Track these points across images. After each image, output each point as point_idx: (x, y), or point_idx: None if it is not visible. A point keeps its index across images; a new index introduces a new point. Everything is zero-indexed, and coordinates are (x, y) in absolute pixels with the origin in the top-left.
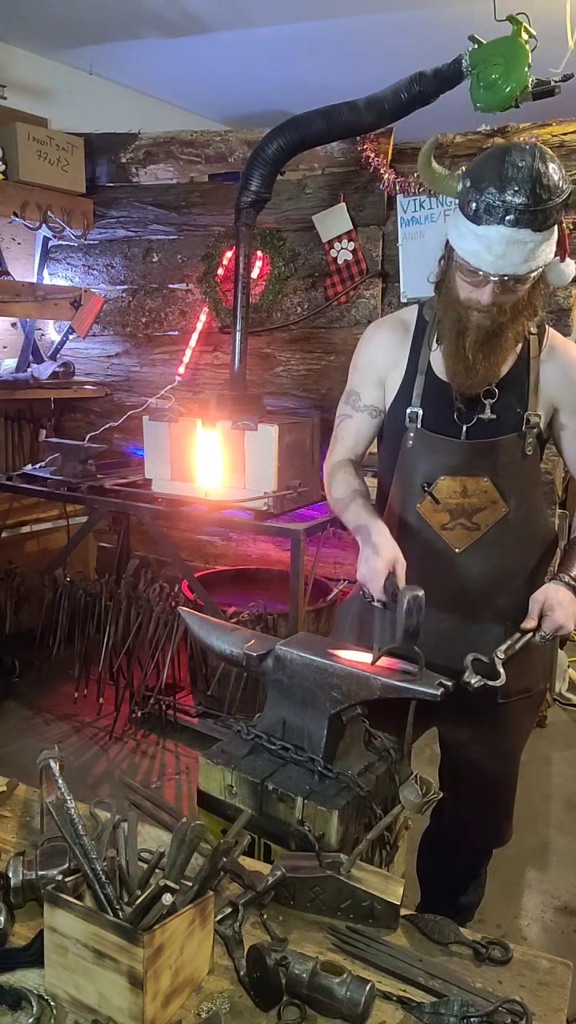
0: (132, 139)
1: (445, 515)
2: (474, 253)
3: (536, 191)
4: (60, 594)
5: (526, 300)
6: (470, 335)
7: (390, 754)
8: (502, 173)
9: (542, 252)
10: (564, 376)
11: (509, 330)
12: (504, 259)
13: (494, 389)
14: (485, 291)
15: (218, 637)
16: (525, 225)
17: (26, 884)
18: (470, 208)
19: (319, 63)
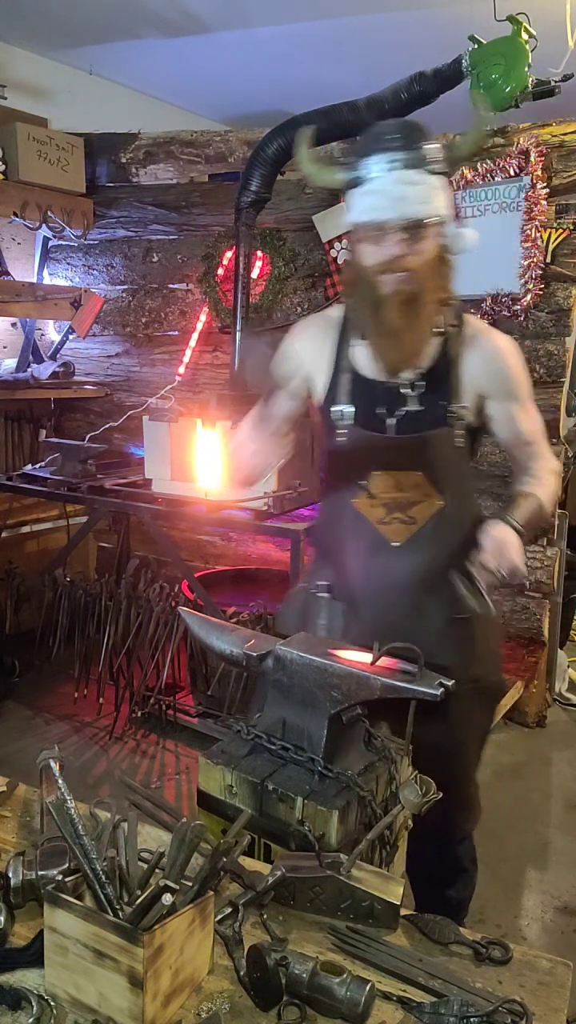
0: (132, 139)
1: (381, 510)
2: (372, 207)
3: (410, 135)
4: (60, 594)
5: (436, 271)
6: (389, 302)
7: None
8: (377, 133)
9: (437, 198)
10: (488, 364)
11: (426, 296)
12: (403, 200)
13: (419, 379)
14: (392, 244)
15: (218, 637)
16: (413, 165)
17: (26, 884)
18: (360, 175)
19: (319, 63)
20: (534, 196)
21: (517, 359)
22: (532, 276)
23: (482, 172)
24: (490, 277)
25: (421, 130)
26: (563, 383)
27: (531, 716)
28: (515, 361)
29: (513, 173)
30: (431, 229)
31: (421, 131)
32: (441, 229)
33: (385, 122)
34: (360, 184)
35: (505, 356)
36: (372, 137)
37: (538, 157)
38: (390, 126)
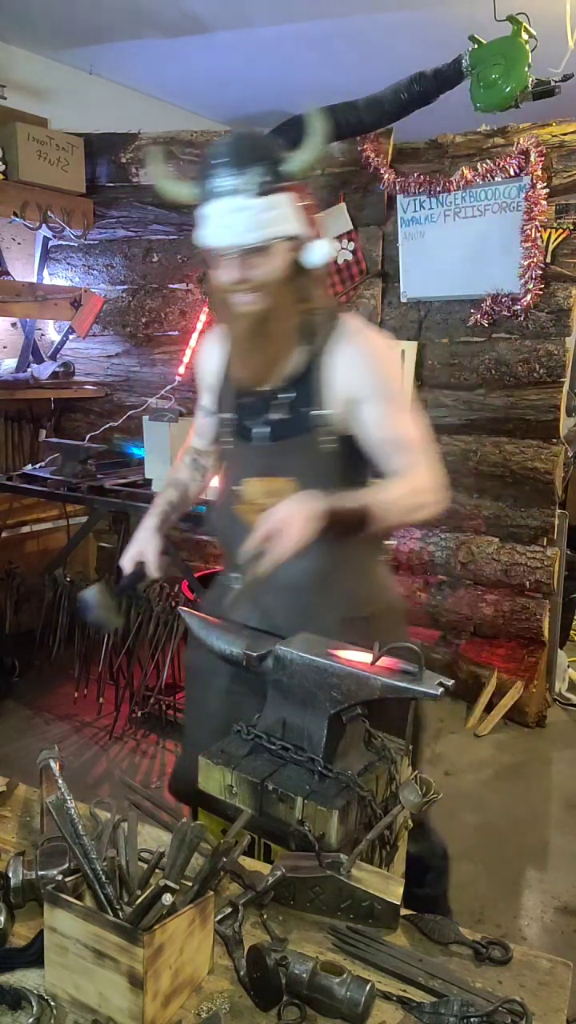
0: (132, 139)
1: (256, 516)
2: (208, 233)
3: (238, 158)
4: (60, 594)
5: (289, 285)
6: (239, 323)
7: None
8: (211, 155)
9: (271, 220)
10: (355, 367)
11: (277, 316)
12: (231, 229)
13: (285, 387)
14: (230, 268)
15: (218, 637)
16: (239, 192)
17: (26, 884)
18: (200, 199)
19: (319, 63)
20: (534, 196)
21: (388, 361)
22: (532, 276)
23: (482, 172)
24: (490, 277)
25: (255, 148)
26: (563, 383)
27: (531, 716)
28: (385, 363)
29: (513, 173)
30: (274, 247)
31: (254, 149)
32: (289, 244)
33: (221, 141)
34: (200, 206)
35: (373, 358)
36: (208, 157)
37: (538, 157)
38: (222, 148)
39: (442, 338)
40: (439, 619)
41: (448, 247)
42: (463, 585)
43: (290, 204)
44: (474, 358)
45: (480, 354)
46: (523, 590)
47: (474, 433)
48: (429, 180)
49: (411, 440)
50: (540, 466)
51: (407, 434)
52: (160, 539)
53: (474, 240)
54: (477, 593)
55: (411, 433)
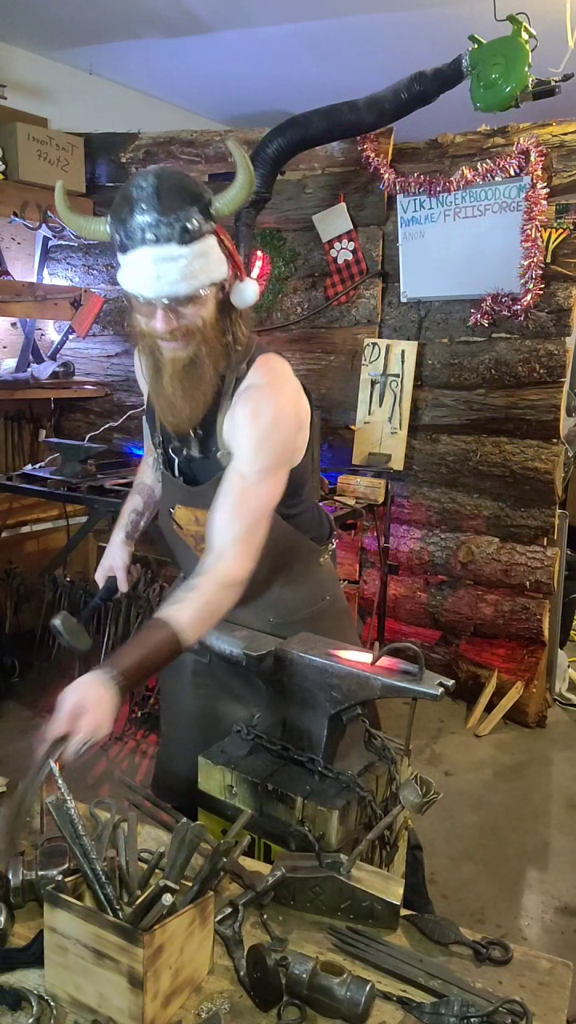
0: (132, 139)
1: (191, 539)
2: (132, 280)
3: (164, 205)
4: (60, 594)
5: (218, 326)
6: (166, 371)
7: (390, 754)
8: (129, 196)
9: (201, 268)
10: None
11: (206, 359)
12: (160, 280)
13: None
14: (157, 318)
15: (218, 637)
16: (166, 240)
17: (26, 884)
18: (117, 241)
19: (319, 63)
20: (534, 196)
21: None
22: (532, 276)
23: (482, 172)
24: (490, 277)
25: (178, 190)
26: (563, 383)
27: (531, 716)
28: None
29: (513, 173)
30: (203, 294)
31: (177, 192)
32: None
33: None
34: (120, 249)
35: (252, 421)
36: (126, 199)
37: (538, 157)
38: (143, 190)
39: (442, 338)
40: (439, 619)
41: (448, 247)
42: (463, 585)
43: (216, 247)
44: (474, 358)
45: (480, 354)
46: (523, 590)
47: (474, 433)
48: (429, 180)
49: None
50: (540, 466)
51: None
52: (128, 551)
53: (474, 240)
54: (477, 593)
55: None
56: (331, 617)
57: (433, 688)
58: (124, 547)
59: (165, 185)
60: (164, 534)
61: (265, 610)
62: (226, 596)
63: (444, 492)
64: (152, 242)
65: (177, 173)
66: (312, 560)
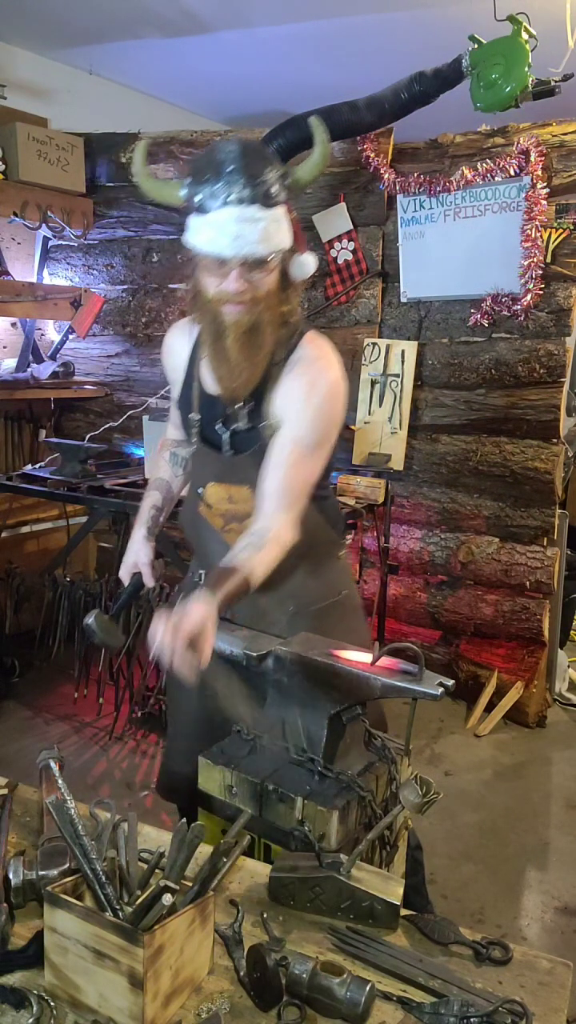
0: (132, 139)
1: (220, 519)
2: (211, 240)
3: (249, 167)
4: (60, 594)
5: (278, 296)
6: (229, 334)
7: (390, 754)
8: (215, 160)
9: (276, 233)
10: (293, 395)
11: (267, 326)
12: (240, 239)
13: (249, 398)
14: (231, 279)
15: (218, 637)
16: (250, 201)
17: (26, 884)
18: (197, 201)
19: (319, 63)
20: (534, 196)
21: (322, 401)
22: (532, 276)
23: (482, 172)
24: (490, 277)
25: (262, 157)
26: (563, 383)
27: (531, 716)
28: (319, 402)
29: (513, 173)
30: (273, 260)
31: (261, 159)
32: (282, 257)
33: (225, 146)
34: (199, 211)
35: (310, 394)
36: (211, 163)
37: (538, 157)
38: (230, 153)
39: (442, 338)
40: (439, 619)
41: (448, 247)
42: (463, 585)
43: (287, 217)
44: (474, 358)
45: (480, 354)
46: (523, 590)
47: (474, 433)
48: (429, 180)
49: (292, 487)
50: (540, 466)
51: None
52: (151, 547)
53: (474, 240)
54: (477, 593)
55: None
56: (347, 612)
57: (433, 688)
58: (147, 543)
59: (250, 150)
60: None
61: (286, 599)
62: (276, 555)
63: (444, 492)
64: (236, 203)
65: (259, 142)
66: (333, 552)
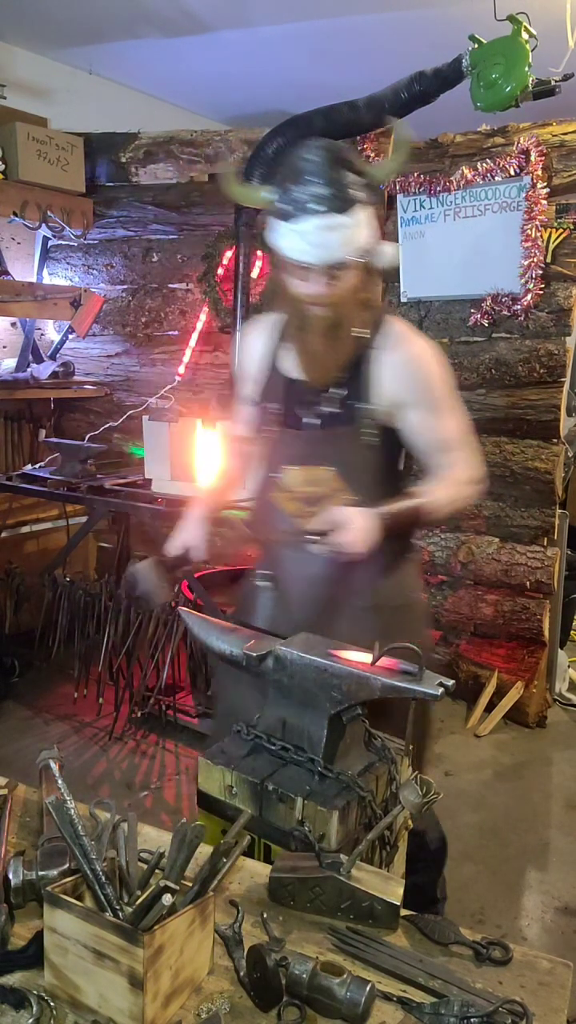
0: (132, 139)
1: (295, 504)
2: (295, 247)
3: (332, 175)
4: (60, 594)
5: (360, 287)
6: (312, 328)
7: (390, 754)
8: (299, 168)
9: (357, 235)
10: (402, 373)
11: (348, 319)
12: (322, 247)
13: (339, 384)
14: (314, 282)
15: (218, 637)
16: (333, 211)
17: (26, 884)
18: (282, 209)
19: (319, 63)
20: (534, 196)
21: (434, 366)
22: (532, 276)
23: (482, 172)
24: (490, 277)
25: (344, 163)
26: (563, 383)
27: (531, 716)
28: (430, 369)
29: (513, 173)
30: (355, 260)
31: (344, 164)
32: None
33: (308, 153)
34: (282, 217)
35: (420, 364)
36: (295, 171)
37: (538, 157)
38: (313, 163)
39: (442, 338)
40: (439, 619)
41: (448, 247)
42: (463, 585)
43: (370, 217)
44: (474, 358)
45: (480, 354)
46: (523, 590)
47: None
48: (429, 180)
49: (452, 439)
50: (540, 466)
51: (448, 434)
52: (206, 526)
53: (474, 240)
54: (477, 593)
55: (452, 432)
56: (415, 617)
57: (433, 688)
58: (202, 522)
59: (332, 158)
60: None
61: (360, 592)
62: (466, 491)
63: None
64: (318, 212)
65: (342, 146)
66: (406, 552)
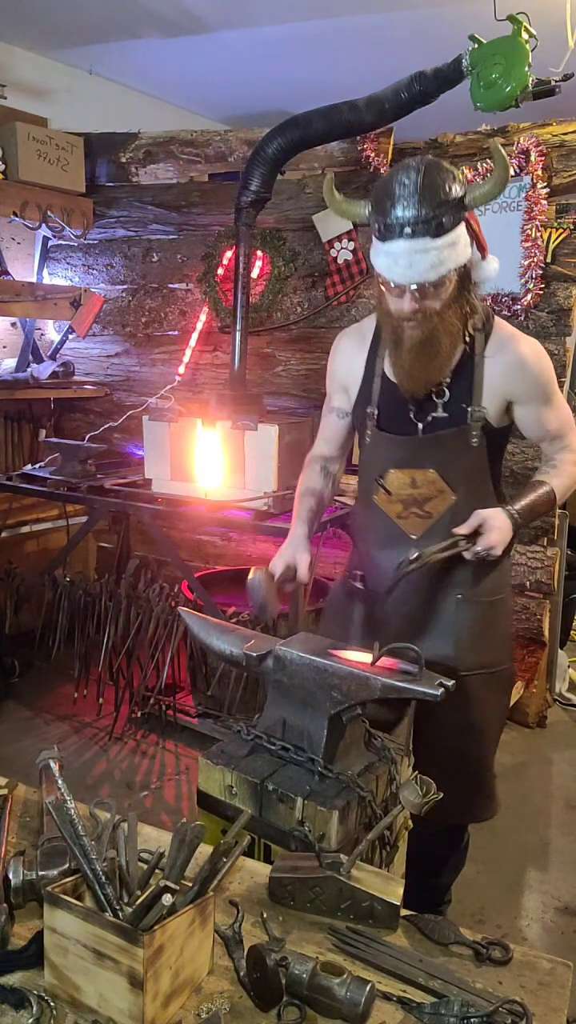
0: (132, 139)
1: (399, 505)
2: (387, 267)
3: (424, 203)
4: (60, 594)
5: (456, 302)
6: (405, 345)
7: (390, 754)
8: (392, 192)
9: (449, 256)
10: (512, 373)
11: (443, 334)
12: (412, 268)
13: (444, 389)
14: (405, 300)
15: (218, 637)
16: (422, 235)
17: (26, 884)
18: (375, 228)
19: (319, 63)
20: (534, 196)
21: (541, 364)
22: (532, 276)
23: (482, 172)
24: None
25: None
26: (563, 383)
27: (531, 716)
28: (539, 367)
29: (513, 173)
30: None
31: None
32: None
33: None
34: (377, 236)
35: (529, 364)
36: (389, 193)
37: (538, 157)
38: (407, 186)
39: None
40: None
41: None
42: None
43: (464, 234)
44: None
45: None
46: (523, 590)
47: None
48: None
49: (561, 427)
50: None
51: (557, 423)
52: (310, 548)
53: None
54: None
55: (561, 421)
56: (505, 613)
57: (433, 688)
58: (306, 542)
59: (425, 182)
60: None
61: (457, 585)
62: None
63: None
64: (409, 236)
65: (437, 169)
66: None
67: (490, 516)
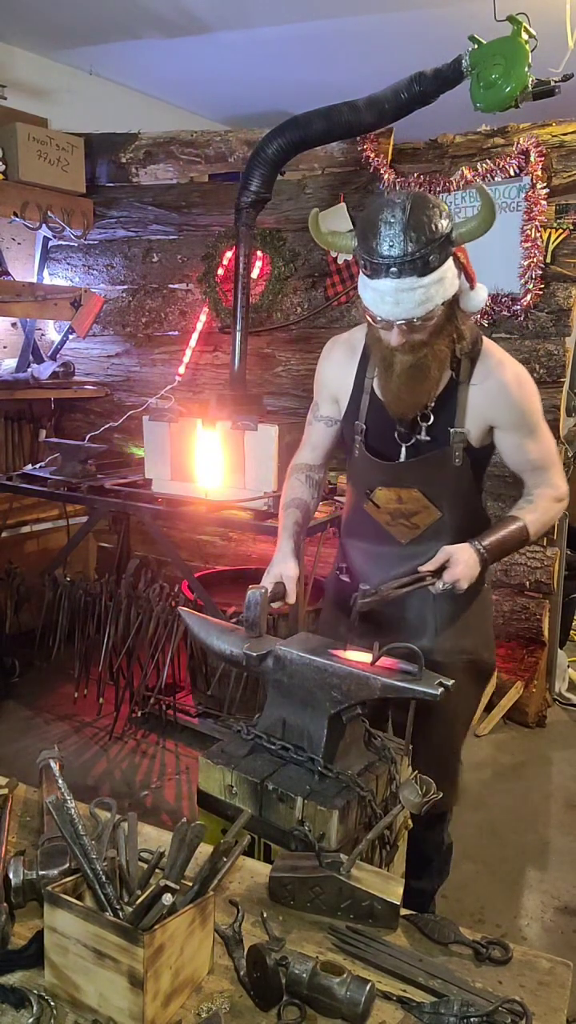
0: (132, 139)
1: (386, 516)
2: (373, 303)
3: (410, 241)
4: (60, 594)
5: (444, 330)
6: (394, 371)
7: (390, 754)
8: (377, 230)
9: (436, 292)
10: (495, 399)
11: (432, 361)
12: (399, 306)
13: (429, 413)
14: (393, 334)
15: (218, 637)
16: (408, 274)
17: (26, 884)
18: (361, 264)
19: (319, 63)
20: (534, 196)
21: (526, 391)
22: (532, 276)
23: (482, 172)
24: (490, 277)
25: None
26: (563, 383)
27: (531, 716)
28: (523, 394)
29: (513, 173)
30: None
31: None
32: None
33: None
34: (362, 270)
35: (512, 390)
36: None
37: (538, 157)
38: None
39: None
40: None
41: None
42: None
43: (452, 267)
44: None
45: None
46: (523, 590)
47: None
48: (429, 180)
49: (542, 459)
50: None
51: (538, 455)
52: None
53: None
54: None
55: (542, 452)
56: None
57: (433, 688)
58: (293, 557)
59: (411, 221)
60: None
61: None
62: (556, 508)
63: None
64: (395, 275)
65: (423, 205)
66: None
67: (456, 551)
